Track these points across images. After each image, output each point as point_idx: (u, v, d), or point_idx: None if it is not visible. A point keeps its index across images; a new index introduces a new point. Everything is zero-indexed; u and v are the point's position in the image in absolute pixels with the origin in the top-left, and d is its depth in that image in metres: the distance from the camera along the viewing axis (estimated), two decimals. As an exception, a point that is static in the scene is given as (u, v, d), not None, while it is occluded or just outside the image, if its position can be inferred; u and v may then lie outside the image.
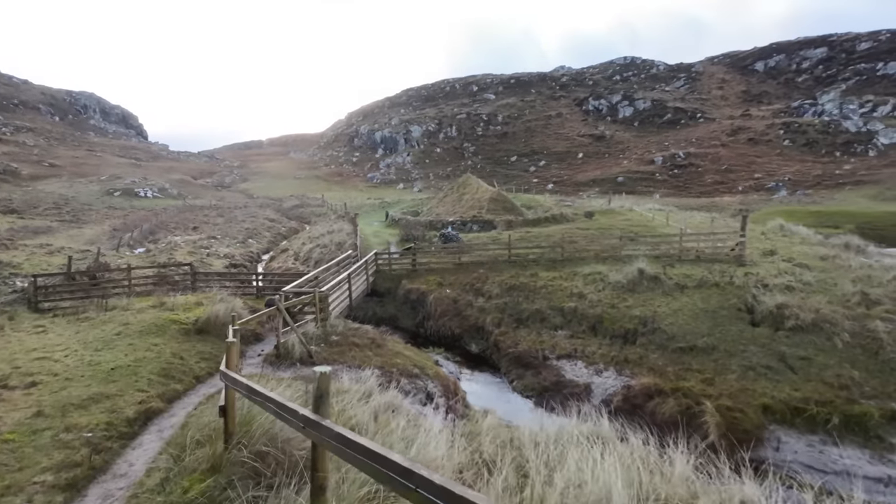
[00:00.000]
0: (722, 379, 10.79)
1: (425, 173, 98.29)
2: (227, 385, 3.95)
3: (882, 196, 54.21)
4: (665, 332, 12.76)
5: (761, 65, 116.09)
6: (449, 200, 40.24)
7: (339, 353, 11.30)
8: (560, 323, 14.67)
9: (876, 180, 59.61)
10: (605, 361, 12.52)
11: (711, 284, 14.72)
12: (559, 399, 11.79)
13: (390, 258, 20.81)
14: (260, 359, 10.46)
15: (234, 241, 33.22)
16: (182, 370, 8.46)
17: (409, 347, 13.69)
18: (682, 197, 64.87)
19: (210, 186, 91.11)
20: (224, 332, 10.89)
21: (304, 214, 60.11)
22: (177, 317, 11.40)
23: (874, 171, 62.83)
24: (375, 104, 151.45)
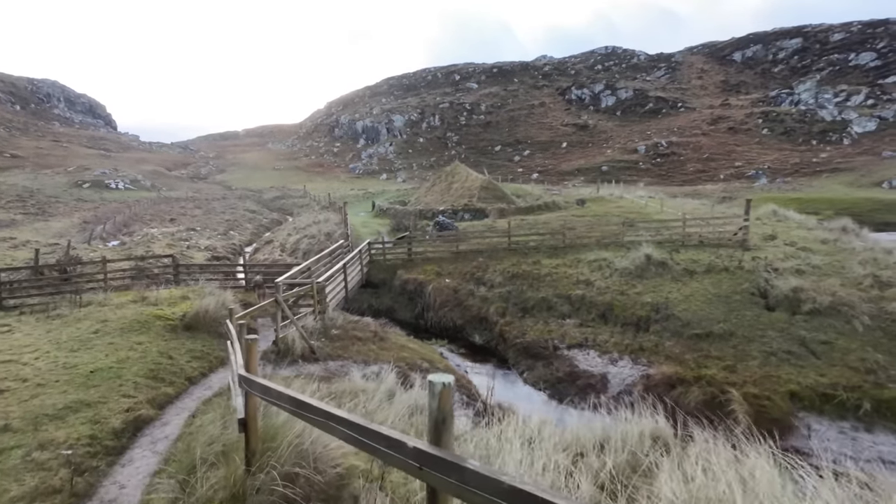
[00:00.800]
0: (744, 366, 10.40)
1: (409, 163, 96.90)
2: (247, 392, 3.17)
3: (858, 183, 55.58)
4: (679, 319, 12.34)
5: (739, 55, 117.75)
6: (437, 189, 39.37)
7: (342, 347, 10.50)
8: (568, 311, 14.13)
9: (851, 167, 61.11)
10: (619, 350, 12.03)
11: (721, 269, 14.37)
12: (574, 391, 11.28)
13: (384, 248, 19.95)
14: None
15: (214, 232, 31.76)
16: (172, 371, 7.55)
17: (412, 340, 12.96)
18: (665, 185, 65.32)
19: (185, 178, 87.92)
20: (215, 328, 9.99)
21: (286, 206, 58.44)
22: (161, 312, 10.39)
23: (849, 159, 64.38)
24: (356, 93, 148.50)
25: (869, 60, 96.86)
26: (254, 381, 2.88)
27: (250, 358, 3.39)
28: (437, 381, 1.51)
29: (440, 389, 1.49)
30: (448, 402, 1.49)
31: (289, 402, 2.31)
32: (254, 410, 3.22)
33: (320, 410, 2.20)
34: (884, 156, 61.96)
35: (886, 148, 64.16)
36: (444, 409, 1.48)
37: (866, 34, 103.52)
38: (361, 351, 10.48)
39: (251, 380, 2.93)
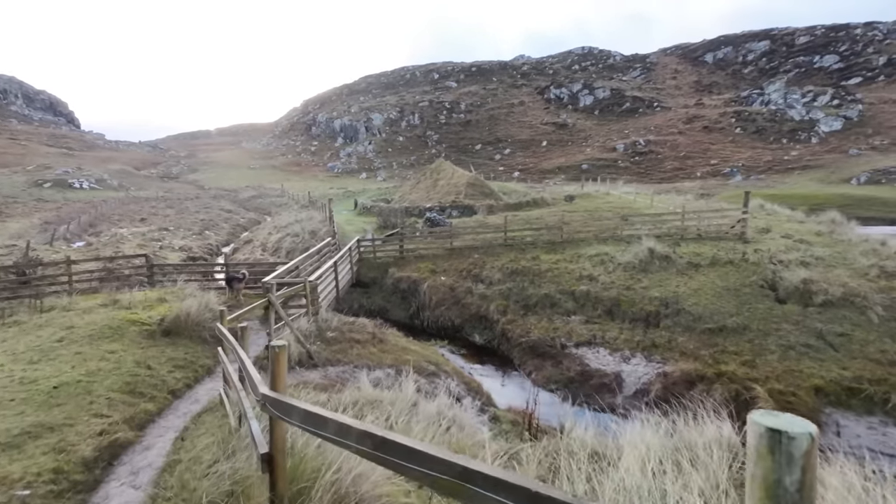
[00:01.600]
0: (763, 360, 10.00)
1: (388, 162, 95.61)
2: (274, 418, 2.36)
3: (828, 179, 57.44)
4: (690, 313, 11.91)
5: (710, 56, 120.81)
6: (422, 187, 38.55)
7: (341, 351, 9.63)
8: (572, 308, 13.56)
9: (821, 165, 63.14)
10: (630, 347, 11.52)
11: (725, 262, 14.07)
12: (587, 391, 10.70)
13: (375, 245, 19.04)
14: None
15: (189, 232, 30.12)
16: (151, 384, 6.56)
17: (412, 341, 12.14)
18: (644, 183, 66.09)
19: (155, 177, 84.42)
20: (198, 333, 8.99)
21: (264, 205, 56.58)
22: (136, 316, 9.29)
23: (818, 157, 66.51)
24: (333, 91, 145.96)
25: (832, 63, 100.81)
26: (287, 405, 2.08)
27: (278, 372, 2.57)
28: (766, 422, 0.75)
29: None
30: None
31: (366, 441, 1.52)
32: (282, 442, 2.42)
33: (402, 447, 1.44)
34: (850, 154, 64.25)
35: (852, 146, 66.59)
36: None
37: (829, 38, 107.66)
38: (362, 354, 9.62)
39: (283, 402, 2.13)
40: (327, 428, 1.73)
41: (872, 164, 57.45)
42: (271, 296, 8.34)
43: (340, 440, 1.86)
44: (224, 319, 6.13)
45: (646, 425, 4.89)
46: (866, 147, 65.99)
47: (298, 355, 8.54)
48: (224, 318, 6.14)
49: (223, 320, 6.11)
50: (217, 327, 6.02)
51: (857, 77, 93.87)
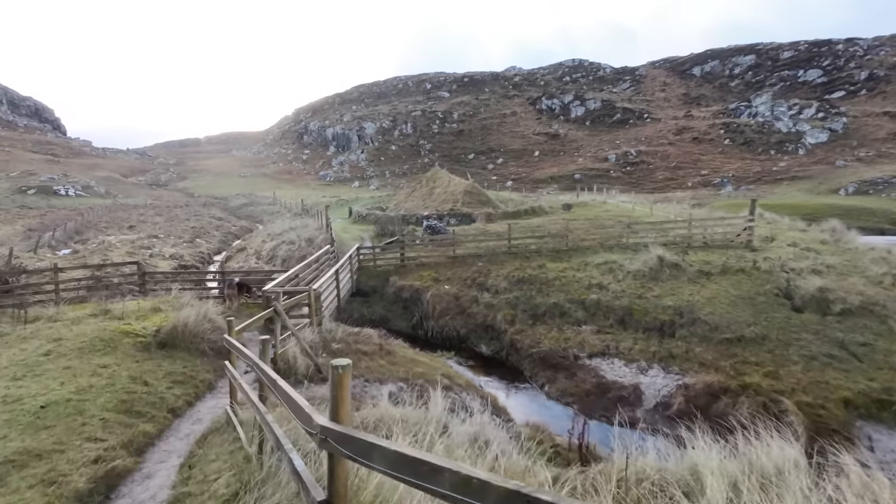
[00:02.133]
0: (786, 371, 9.67)
1: (381, 171, 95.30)
2: (338, 456, 1.88)
3: (816, 190, 58.31)
4: (706, 323, 11.58)
5: (698, 70, 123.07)
6: (418, 195, 38.17)
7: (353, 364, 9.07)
8: (583, 317, 13.17)
9: (808, 176, 64.15)
10: (647, 358, 11.13)
11: (736, 270, 13.83)
12: (605, 404, 10.26)
13: (375, 253, 18.53)
14: (248, 378, 8.04)
15: (179, 240, 29.31)
16: (150, 402, 5.99)
17: (420, 353, 11.63)
18: (637, 192, 66.54)
19: (143, 185, 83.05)
20: (196, 345, 8.42)
21: (255, 213, 55.83)
22: (129, 327, 8.68)
23: (805, 168, 67.63)
24: (325, 100, 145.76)
25: (816, 77, 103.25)
26: (365, 443, 1.60)
27: (341, 399, 2.08)
28: None
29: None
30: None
31: (460, 487, 1.06)
32: (344, 487, 1.93)
33: None
34: (837, 165, 65.44)
35: (838, 157, 67.86)
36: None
37: (812, 53, 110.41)
38: (371, 367, 9.10)
39: (358, 440, 1.65)
40: (440, 480, 1.26)
41: (859, 175, 58.47)
42: (277, 304, 7.81)
43: (391, 473, 1.39)
44: (232, 330, 5.60)
45: (707, 447, 4.46)
46: (852, 158, 67.29)
47: (306, 368, 8.01)
48: (232, 329, 5.61)
49: (231, 331, 5.59)
50: (225, 339, 5.49)
51: (841, 91, 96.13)
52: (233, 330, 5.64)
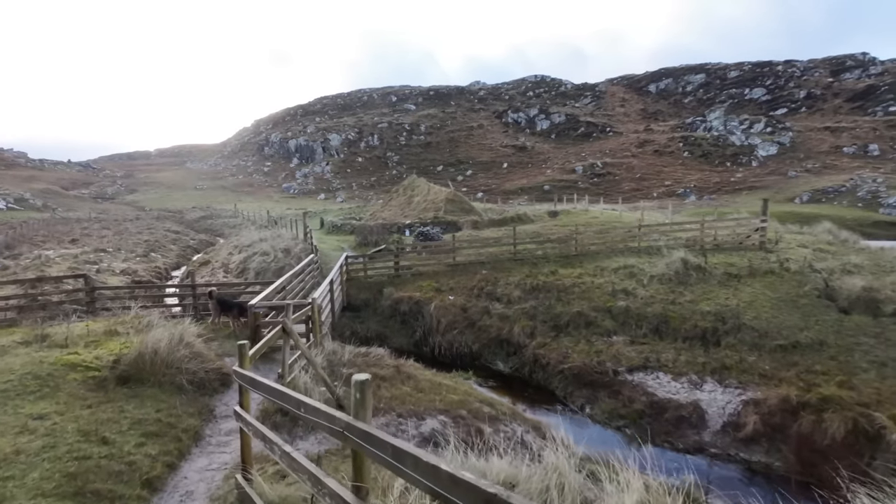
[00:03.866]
0: (860, 381, 8.65)
1: (348, 183, 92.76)
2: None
3: (774, 199, 60.83)
4: (753, 329, 10.52)
5: (654, 87, 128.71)
6: (395, 204, 36.44)
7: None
8: (612, 327, 11.87)
9: (765, 186, 67.23)
10: (696, 370, 9.89)
11: (765, 272, 13.00)
12: (664, 427, 8.87)
13: (366, 263, 16.66)
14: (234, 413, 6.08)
15: (131, 254, 26.17)
16: (112, 471, 4.01)
17: (438, 374, 9.90)
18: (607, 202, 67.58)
19: (87, 198, 76.70)
20: (171, 378, 6.41)
21: (215, 226, 52.29)
22: (76, 357, 6.52)
23: (761, 178, 71.00)
24: (287, 111, 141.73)
25: (761, 95, 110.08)
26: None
27: None
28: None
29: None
30: None
31: None
32: None
33: None
34: (789, 175, 69.05)
35: (790, 169, 71.71)
36: None
37: (756, 73, 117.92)
38: (397, 396, 7.31)
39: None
40: None
41: (811, 184, 61.76)
42: (287, 321, 5.95)
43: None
44: (246, 359, 3.78)
45: None
46: (801, 170, 71.24)
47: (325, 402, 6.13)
48: (246, 357, 3.78)
49: (245, 361, 3.76)
50: (236, 373, 3.66)
51: (783, 108, 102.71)
52: (246, 358, 3.80)
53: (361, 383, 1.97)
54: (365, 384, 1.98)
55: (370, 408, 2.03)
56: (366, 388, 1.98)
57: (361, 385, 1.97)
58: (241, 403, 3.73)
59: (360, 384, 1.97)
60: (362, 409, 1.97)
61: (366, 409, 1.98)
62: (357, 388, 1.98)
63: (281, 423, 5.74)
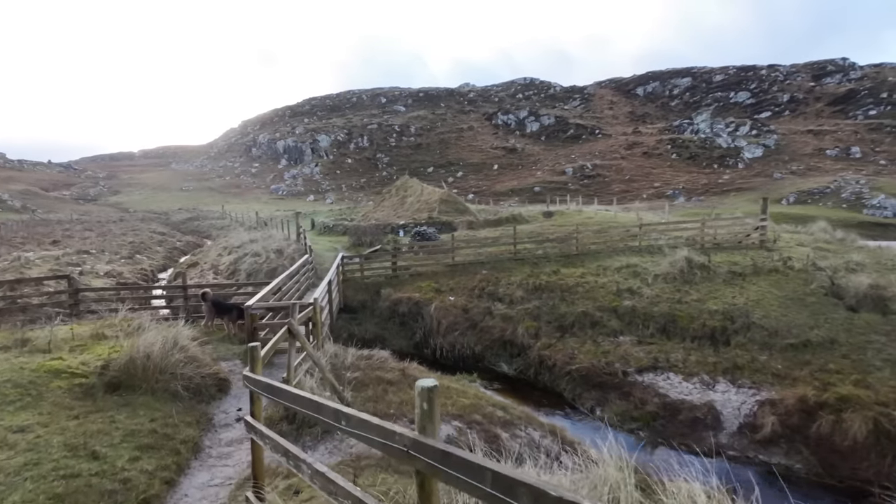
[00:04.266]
0: (876, 379, 8.50)
1: (337, 184, 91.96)
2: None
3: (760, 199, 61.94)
4: (762, 328, 10.36)
5: (641, 90, 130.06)
6: (388, 204, 36.01)
7: (376, 398, 6.90)
8: (618, 327, 11.62)
9: (752, 187, 68.17)
10: (707, 371, 9.68)
11: (769, 270, 12.90)
12: (678, 429, 8.62)
13: (362, 264, 16.23)
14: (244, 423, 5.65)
15: (116, 256, 25.35)
16: (103, 490, 3.58)
17: (444, 376, 9.54)
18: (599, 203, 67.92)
19: (69, 199, 74.79)
20: (165, 384, 5.97)
21: (202, 228, 51.29)
22: (61, 363, 6.03)
23: (748, 180, 71.97)
24: (275, 112, 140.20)
25: (745, 98, 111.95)
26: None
27: None
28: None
29: None
30: None
31: None
32: None
33: None
34: (775, 177, 70.12)
35: (776, 171, 72.85)
36: None
37: (741, 76, 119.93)
38: (406, 401, 6.92)
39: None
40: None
41: (797, 186, 62.74)
42: (293, 322, 5.54)
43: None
44: (258, 363, 3.38)
45: None
46: (787, 172, 72.42)
47: (333, 411, 5.73)
48: (257, 360, 3.38)
49: (256, 365, 3.36)
50: (248, 378, 3.26)
51: (767, 111, 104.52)
52: (258, 362, 3.40)
53: (429, 391, 1.61)
54: (433, 392, 1.62)
55: (439, 421, 1.67)
56: (434, 398, 1.62)
57: (429, 393, 1.61)
58: (253, 413, 3.33)
59: (426, 392, 1.61)
60: (430, 423, 1.61)
61: (434, 422, 1.62)
62: (423, 396, 1.61)
63: (287, 431, 5.32)
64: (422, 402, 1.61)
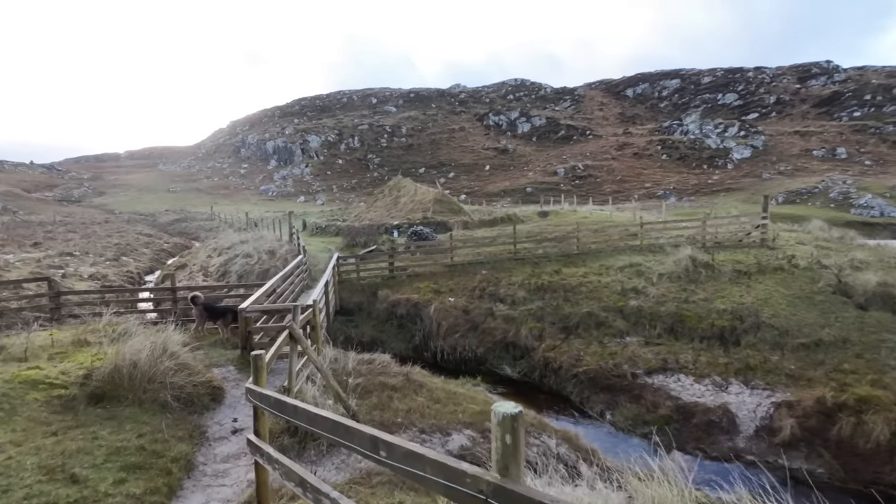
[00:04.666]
0: (893, 379, 8.29)
1: (328, 185, 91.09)
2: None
3: (751, 200, 62.33)
4: (772, 327, 10.13)
5: (631, 91, 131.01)
6: (381, 205, 35.52)
7: (381, 405, 6.48)
8: (624, 327, 11.33)
9: (741, 187, 68.85)
10: (719, 372, 9.41)
11: (774, 269, 12.72)
12: (693, 433, 8.32)
13: (358, 264, 15.78)
14: (241, 437, 5.21)
15: (101, 258, 24.56)
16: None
17: (448, 381, 9.15)
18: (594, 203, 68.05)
19: (52, 201, 73.04)
20: (154, 394, 5.51)
21: (190, 229, 50.22)
22: (38, 373, 5.52)
23: (737, 180, 72.69)
24: (264, 113, 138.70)
25: (733, 100, 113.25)
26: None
27: None
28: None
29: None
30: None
31: None
32: None
33: None
34: (764, 177, 70.90)
35: (764, 171, 73.67)
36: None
37: (728, 78, 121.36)
38: (413, 409, 6.52)
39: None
40: None
41: (785, 186, 63.44)
42: (294, 326, 5.10)
43: None
44: (262, 374, 2.95)
45: None
46: (775, 172, 73.28)
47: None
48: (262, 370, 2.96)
49: (261, 375, 2.93)
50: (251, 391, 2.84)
51: (755, 113, 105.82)
52: (263, 373, 2.98)
53: (512, 419, 1.21)
54: (517, 421, 1.22)
55: (523, 459, 1.27)
56: (519, 428, 1.22)
57: (513, 423, 1.21)
58: (257, 430, 2.91)
59: (509, 421, 1.21)
60: (514, 463, 1.21)
61: (519, 461, 1.22)
62: (505, 426, 1.21)
63: (289, 445, 4.88)
64: (503, 434, 1.21)
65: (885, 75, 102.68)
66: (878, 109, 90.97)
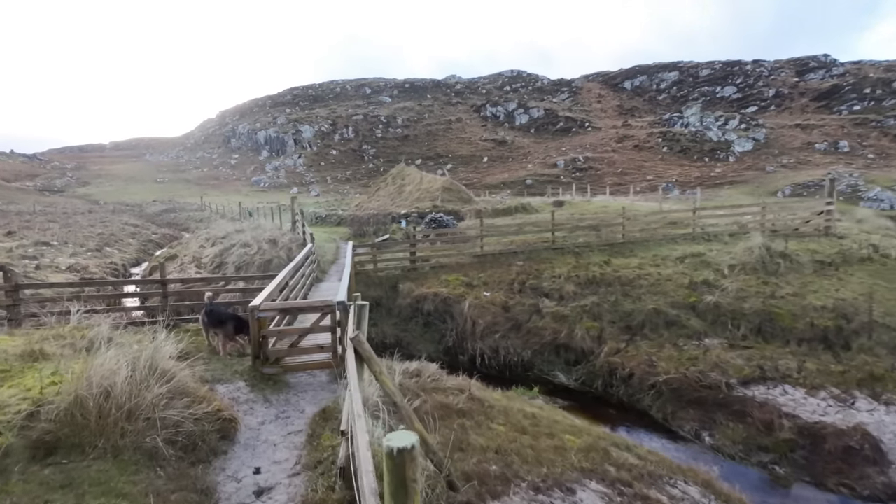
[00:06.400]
0: None
1: (322, 176, 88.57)
2: None
3: (756, 192, 61.32)
4: (890, 328, 8.50)
5: (629, 84, 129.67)
6: (384, 194, 33.55)
7: (461, 445, 4.66)
8: (700, 327, 9.63)
9: (745, 180, 67.73)
10: (835, 382, 7.74)
11: (861, 260, 11.13)
12: (833, 465, 6.61)
13: (374, 255, 13.91)
14: (271, 503, 3.37)
15: (82, 248, 22.38)
16: None
17: (505, 393, 7.37)
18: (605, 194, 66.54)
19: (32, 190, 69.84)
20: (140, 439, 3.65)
21: (179, 220, 47.92)
22: (-42, 407, 3.60)
23: (740, 173, 71.62)
24: (255, 102, 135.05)
25: (732, 93, 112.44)
26: None
27: None
28: None
29: None
30: None
31: None
32: None
33: None
34: (767, 170, 69.90)
35: (767, 164, 72.72)
36: None
37: (727, 71, 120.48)
38: (502, 447, 4.71)
39: None
40: None
41: (790, 178, 62.40)
42: (360, 338, 3.25)
43: None
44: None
45: None
46: (778, 165, 72.37)
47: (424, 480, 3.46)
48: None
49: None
50: None
51: (753, 106, 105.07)
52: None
53: None
54: None
55: None
56: None
57: None
58: None
59: None
60: None
61: None
62: None
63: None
64: None
65: (882, 69, 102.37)
66: (878, 103, 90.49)
